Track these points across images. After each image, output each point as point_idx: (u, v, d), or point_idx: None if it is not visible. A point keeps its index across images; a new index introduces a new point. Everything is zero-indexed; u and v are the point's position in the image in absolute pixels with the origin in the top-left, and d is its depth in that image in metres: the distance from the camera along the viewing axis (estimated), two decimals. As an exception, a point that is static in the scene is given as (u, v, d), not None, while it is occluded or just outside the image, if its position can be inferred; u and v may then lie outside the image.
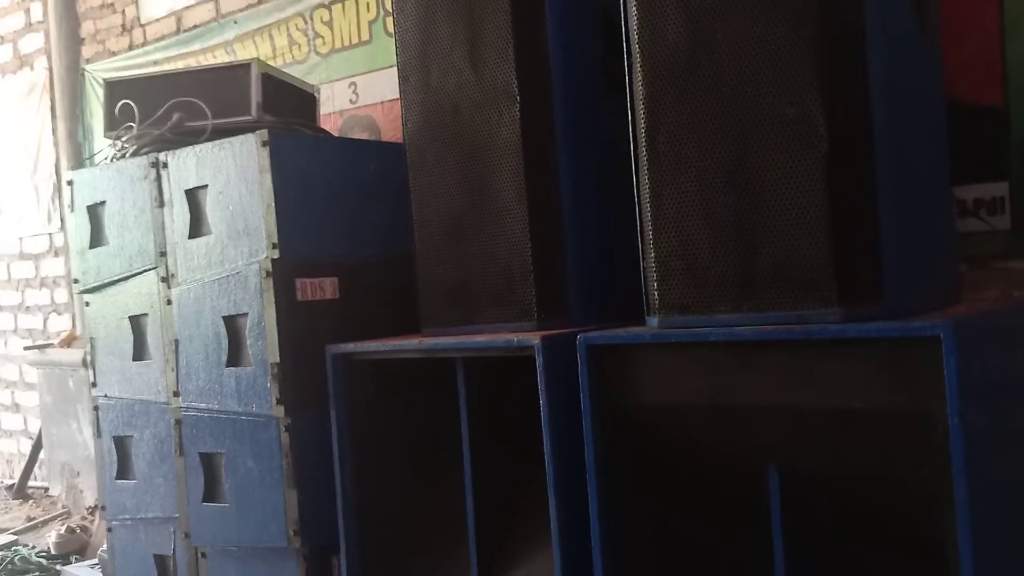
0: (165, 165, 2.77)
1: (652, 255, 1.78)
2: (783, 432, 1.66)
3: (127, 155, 2.93)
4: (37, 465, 5.61)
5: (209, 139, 2.68)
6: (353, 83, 3.74)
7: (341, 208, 2.62)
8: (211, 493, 2.72)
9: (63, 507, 5.16)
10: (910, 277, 1.68)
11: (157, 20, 4.70)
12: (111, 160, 3.03)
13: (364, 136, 3.69)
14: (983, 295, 2.21)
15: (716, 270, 1.70)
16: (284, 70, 3.44)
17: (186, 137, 2.80)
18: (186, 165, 2.70)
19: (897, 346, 1.50)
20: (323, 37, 3.82)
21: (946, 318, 1.48)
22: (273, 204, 2.45)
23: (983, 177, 2.22)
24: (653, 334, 1.77)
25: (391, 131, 3.55)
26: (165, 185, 2.78)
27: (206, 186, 2.64)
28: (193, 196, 2.70)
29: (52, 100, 5.43)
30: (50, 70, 5.40)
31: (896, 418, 1.52)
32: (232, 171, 2.55)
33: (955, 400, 1.42)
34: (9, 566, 4.24)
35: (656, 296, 1.78)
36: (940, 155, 1.96)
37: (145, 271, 2.88)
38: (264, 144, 2.46)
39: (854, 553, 1.72)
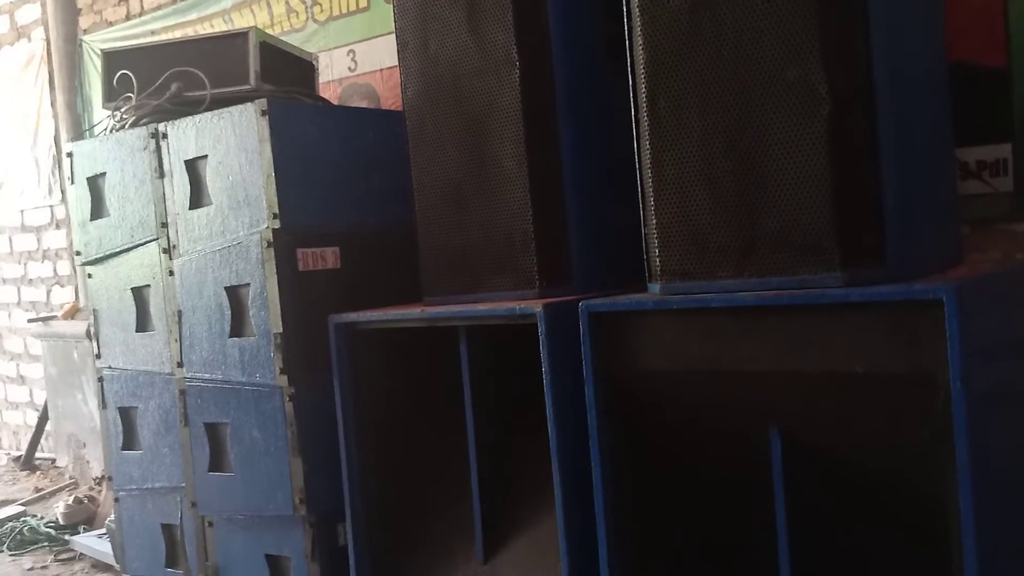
0: (164, 136, 2.76)
1: (653, 221, 1.78)
2: (785, 397, 1.66)
3: (126, 126, 2.92)
4: (44, 436, 5.64)
5: (208, 109, 2.67)
6: (352, 51, 3.71)
7: (341, 177, 2.61)
8: (217, 463, 2.74)
9: (70, 478, 5.20)
10: (912, 240, 1.67)
11: (154, -11, 4.67)
12: (110, 131, 3.02)
13: (363, 104, 3.67)
14: (985, 257, 2.21)
15: (718, 236, 1.70)
16: (282, 38, 3.42)
17: (185, 107, 2.79)
18: (185, 135, 2.69)
19: (899, 309, 1.50)
20: (321, 5, 3.78)
21: (948, 281, 1.48)
22: (273, 174, 2.44)
23: (986, 139, 2.21)
24: (655, 301, 1.77)
25: (391, 99, 3.53)
26: (165, 156, 2.77)
27: (206, 156, 2.63)
28: (193, 167, 2.69)
29: (50, 71, 5.40)
30: (47, 41, 5.37)
31: (898, 381, 1.52)
32: (231, 141, 2.54)
33: (957, 363, 1.42)
34: (18, 536, 4.28)
35: (658, 263, 1.78)
36: (943, 117, 1.94)
37: (146, 242, 2.87)
38: (263, 113, 2.45)
39: (856, 515, 1.73)
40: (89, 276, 3.15)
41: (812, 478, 1.70)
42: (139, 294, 2.95)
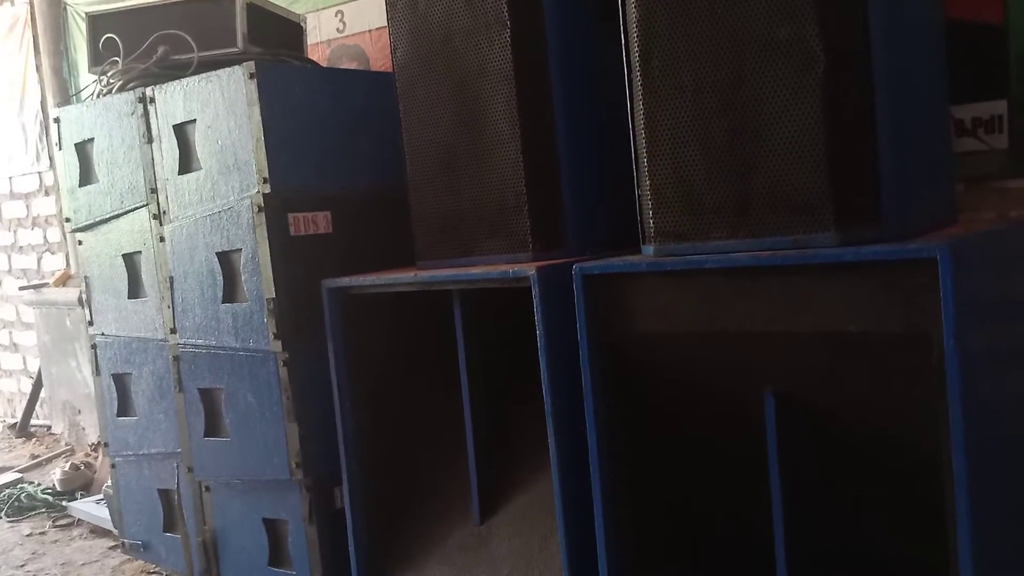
0: (152, 100, 2.73)
1: (647, 183, 1.77)
2: (779, 357, 1.66)
3: (113, 90, 2.88)
4: (38, 404, 5.65)
5: (195, 72, 2.63)
6: (340, 11, 3.66)
7: (332, 141, 2.59)
8: (212, 428, 2.75)
9: (66, 444, 5.22)
10: (907, 199, 1.66)
11: (137, -50, 4.59)
12: (97, 96, 2.98)
13: (353, 66, 3.63)
14: (980, 215, 2.20)
15: (711, 197, 1.69)
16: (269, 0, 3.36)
17: (172, 71, 2.76)
18: (173, 100, 2.66)
19: (893, 269, 1.50)
20: (308, -35, 3.73)
21: (943, 239, 1.48)
22: (262, 138, 2.42)
23: (981, 96, 2.19)
24: (649, 263, 1.76)
25: (380, 60, 3.50)
26: (153, 120, 2.74)
27: (194, 121, 2.61)
28: (181, 131, 2.66)
29: (35, 36, 5.32)
30: (31, 4, 5.28)
31: (892, 341, 1.52)
32: (220, 105, 2.51)
33: (951, 321, 1.42)
34: (16, 503, 4.30)
35: (651, 224, 1.77)
36: (938, 74, 1.93)
37: (136, 208, 2.85)
38: (251, 76, 2.42)
39: (850, 475, 1.75)
40: (79, 243, 3.13)
41: (806, 437, 1.71)
42: (130, 260, 2.94)
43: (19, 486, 4.49)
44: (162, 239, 2.78)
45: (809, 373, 1.66)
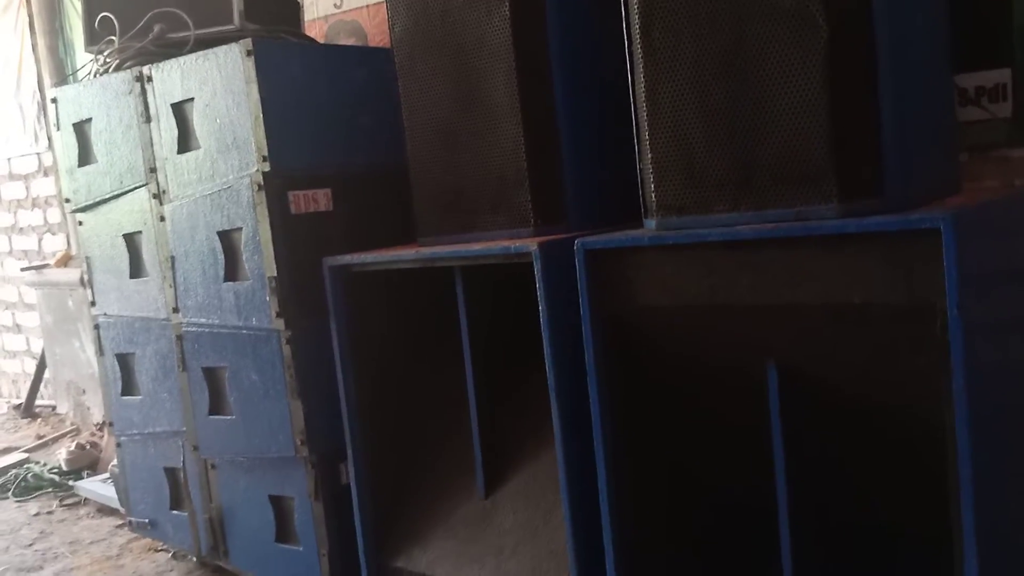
0: (149, 79, 2.71)
1: (649, 156, 1.76)
2: (782, 330, 1.66)
3: (110, 70, 2.87)
4: (43, 384, 5.67)
5: (192, 50, 2.62)
6: (337, -13, 3.63)
7: (331, 118, 2.57)
8: (216, 406, 2.76)
9: (71, 424, 5.24)
10: (910, 169, 1.66)
11: (131, -74, 4.54)
12: (94, 75, 2.96)
13: (350, 42, 3.61)
14: (983, 185, 2.20)
15: (714, 169, 1.68)
16: (265, -25, 3.33)
17: (169, 49, 2.74)
18: (171, 78, 2.65)
19: (897, 239, 1.49)
20: (304, -61, 3.69)
21: (946, 210, 1.47)
22: (261, 116, 2.40)
23: (985, 64, 2.17)
24: (651, 237, 1.76)
25: (378, 35, 3.47)
26: (151, 99, 2.73)
27: (192, 99, 2.59)
28: (179, 110, 2.65)
29: (30, 15, 5.29)
30: (25, -17, 5.25)
31: (895, 312, 1.52)
32: (218, 83, 2.50)
33: (954, 291, 1.42)
34: (23, 483, 4.33)
35: (653, 198, 1.76)
36: (941, 42, 1.91)
37: (136, 188, 2.85)
38: (248, 54, 2.40)
39: (853, 447, 1.75)
40: (80, 224, 3.13)
41: (809, 410, 1.72)
42: (131, 240, 2.93)
43: (25, 466, 4.52)
44: (162, 219, 2.78)
45: (812, 345, 1.65)
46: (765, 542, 1.83)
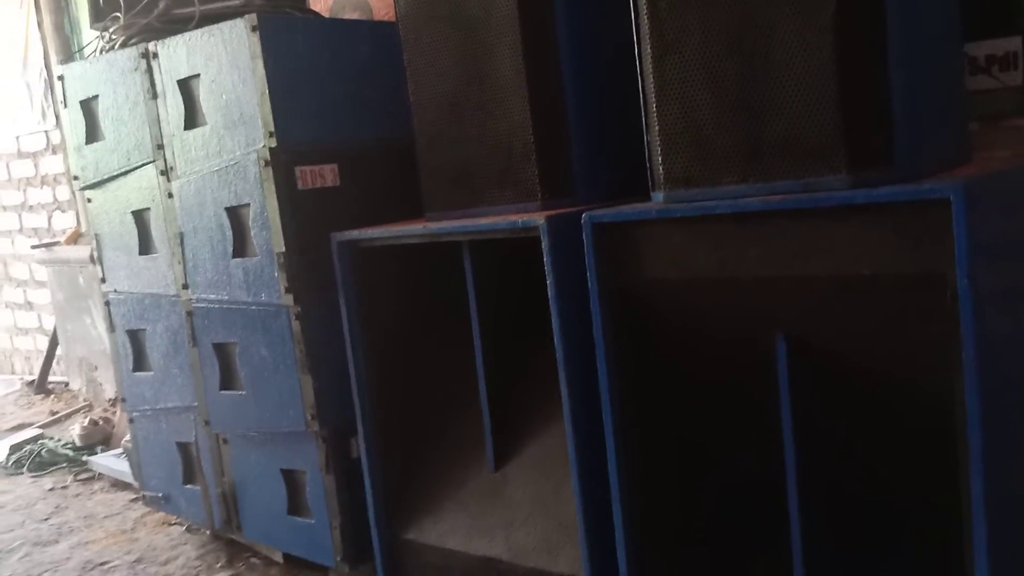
0: (155, 55, 2.71)
1: (656, 128, 1.75)
2: (791, 302, 1.66)
3: (116, 46, 2.86)
4: (55, 361, 5.71)
5: (198, 26, 2.61)
6: (342, -40, 3.61)
7: (337, 93, 2.57)
8: (227, 382, 2.77)
9: (84, 400, 5.28)
10: (920, 139, 1.64)
11: (134, -99, 4.51)
12: (100, 52, 2.96)
13: (356, 16, 3.59)
14: (994, 154, 2.18)
15: (722, 141, 1.67)
16: (270, -51, 3.31)
17: (174, 25, 2.73)
18: (177, 55, 2.64)
19: (906, 210, 1.48)
20: (308, -88, 3.66)
21: (956, 180, 1.46)
22: (267, 91, 2.40)
23: (995, 32, 2.15)
24: (659, 209, 1.75)
25: (383, 9, 3.45)
26: (157, 76, 2.73)
27: (198, 75, 2.59)
28: (186, 86, 2.65)
29: (34, -8, 5.28)
30: (29, -40, 5.23)
31: (905, 282, 1.51)
32: (223, 59, 2.49)
33: (964, 261, 1.41)
34: (37, 458, 4.37)
35: (661, 170, 1.75)
36: (951, 10, 1.89)
37: (144, 165, 2.85)
38: (254, 29, 2.39)
39: (862, 418, 1.75)
40: (88, 201, 3.13)
41: (818, 382, 1.72)
42: (140, 217, 2.94)
43: (40, 442, 4.56)
44: (170, 195, 2.78)
45: (821, 317, 1.65)
46: (774, 514, 1.84)
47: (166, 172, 2.78)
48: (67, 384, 5.64)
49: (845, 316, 1.62)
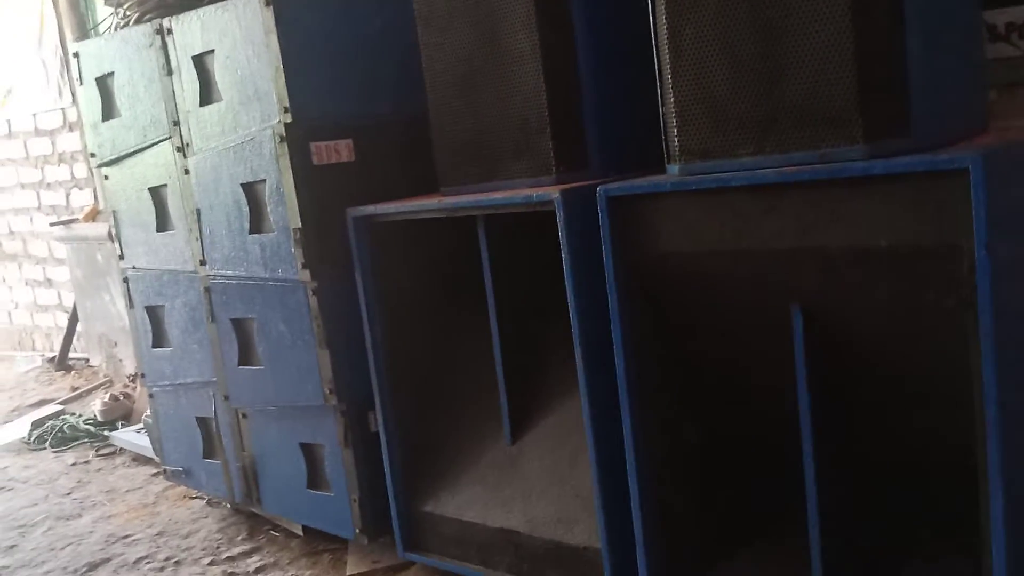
0: (170, 31, 2.71)
1: (671, 99, 1.74)
2: (807, 274, 1.66)
3: (130, 23, 2.86)
4: (75, 337, 5.76)
5: (212, 2, 2.60)
6: (354, -67, 3.58)
7: (351, 67, 2.56)
8: (246, 357, 2.79)
9: (104, 376, 5.34)
10: (938, 108, 1.63)
11: None
12: (115, 29, 2.96)
13: (370, -10, 3.56)
14: (1013, 123, 2.15)
15: (737, 112, 1.66)
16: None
17: (188, 0, 2.72)
18: (191, 30, 2.64)
19: (924, 180, 1.47)
20: None
21: (974, 149, 1.45)
22: (281, 66, 2.39)
23: (1015, -1, 2.12)
24: (674, 182, 1.75)
25: (397, -17, 3.43)
26: (172, 52, 2.73)
27: (212, 51, 2.59)
28: (200, 62, 2.65)
29: (48, -32, 5.28)
30: (43, -63, 5.23)
31: (922, 253, 1.51)
32: (237, 34, 2.49)
33: (982, 231, 1.40)
34: (59, 434, 4.42)
35: (676, 142, 1.75)
36: (971, -23, 1.87)
37: (160, 141, 2.86)
38: (267, 4, 2.38)
39: (879, 390, 1.75)
40: (106, 178, 3.15)
41: (834, 354, 1.71)
42: (156, 194, 2.95)
43: (61, 417, 4.61)
44: (187, 171, 2.79)
45: (837, 288, 1.65)
46: (790, 485, 1.84)
47: (182, 148, 2.79)
48: (87, 360, 5.69)
49: (861, 287, 1.61)
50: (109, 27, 3.01)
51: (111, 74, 2.97)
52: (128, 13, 2.87)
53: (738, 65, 1.64)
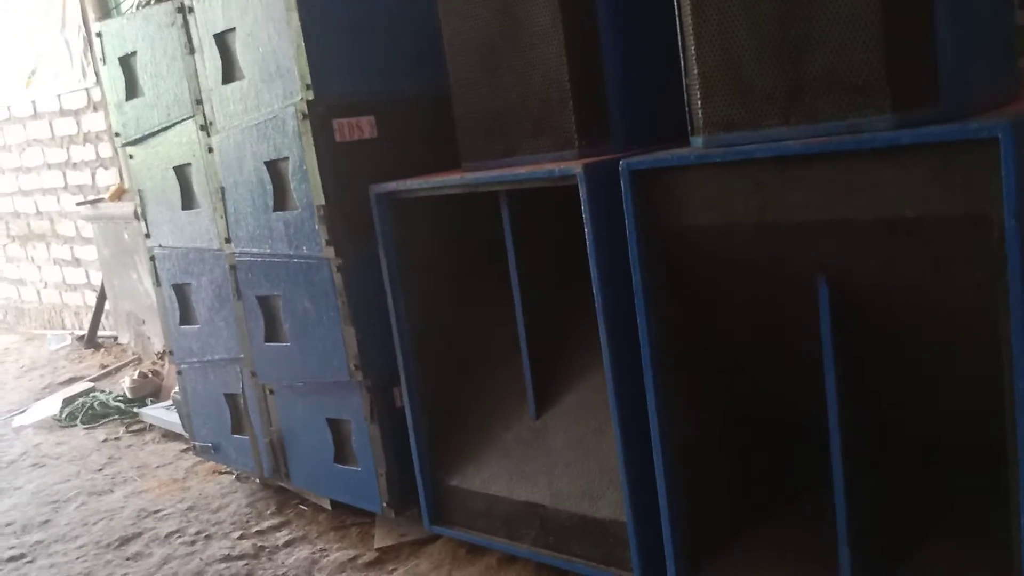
0: (191, 10, 2.71)
1: (695, 70, 1.72)
2: (834, 246, 1.64)
3: (152, 1, 2.87)
4: (104, 316, 5.82)
5: (232, -21, 2.60)
6: (374, -93, 3.56)
7: (372, 43, 2.55)
8: (272, 334, 2.81)
9: (133, 354, 5.39)
10: (967, 76, 1.60)
11: None
12: (137, 8, 2.97)
13: (390, -36, 3.55)
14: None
15: (762, 82, 1.64)
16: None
17: (208, -22, 2.72)
18: (212, 8, 2.64)
19: (952, 150, 1.45)
20: None
21: (1004, 117, 1.43)
22: (303, 43, 2.39)
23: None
24: (698, 155, 1.73)
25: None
26: (193, 31, 2.73)
27: (234, 29, 2.59)
28: (222, 40, 2.65)
29: (69, -52, 5.29)
30: (63, -84, 5.23)
31: (950, 224, 1.49)
32: (259, 11, 2.49)
33: (1012, 201, 1.39)
34: (90, 411, 4.48)
35: (700, 114, 1.73)
36: (1002, -58, 1.83)
37: (183, 120, 2.87)
38: (288, -20, 2.38)
39: (906, 362, 1.74)
40: (131, 157, 3.17)
41: (861, 326, 1.70)
42: (181, 172, 2.97)
43: (91, 395, 4.67)
44: (210, 150, 2.80)
45: (864, 260, 1.63)
46: (816, 457, 1.84)
47: (205, 127, 2.80)
48: (116, 338, 5.76)
49: (889, 259, 1.60)
50: (131, 6, 3.02)
51: (134, 53, 2.98)
52: (149, -8, 2.88)
53: (763, 34, 1.62)
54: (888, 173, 1.53)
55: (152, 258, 3.22)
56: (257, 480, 3.30)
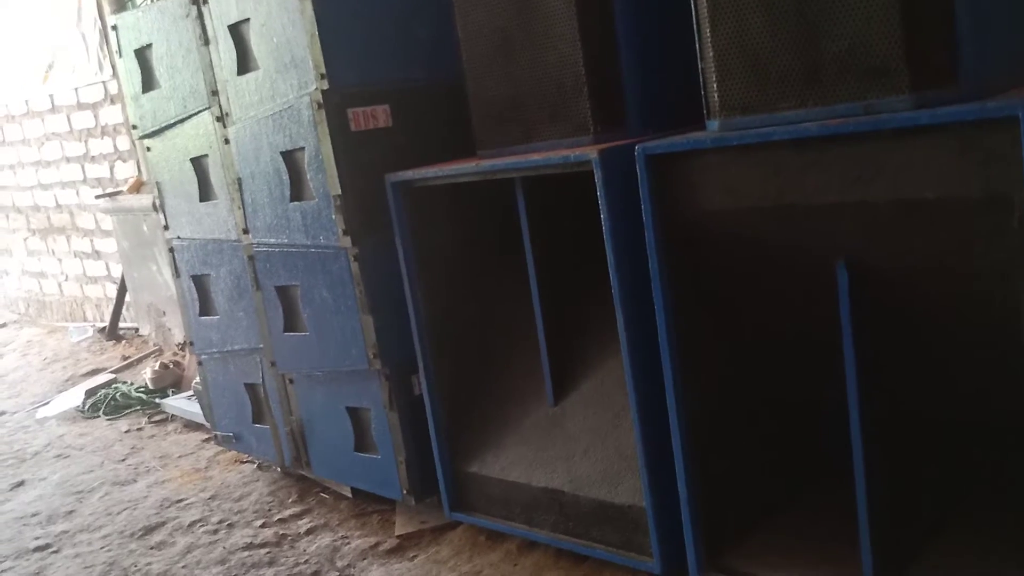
0: (205, 1, 2.71)
1: (710, 54, 1.71)
2: (852, 228, 1.63)
3: (166, -6, 2.87)
4: (125, 308, 5.86)
5: (245, -31, 2.60)
6: None
7: (386, 32, 2.55)
8: (291, 323, 2.83)
9: (154, 345, 5.43)
10: (986, 55, 1.58)
11: None
12: (152, 0, 2.97)
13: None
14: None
15: (778, 64, 1.63)
16: None
17: (222, -31, 2.73)
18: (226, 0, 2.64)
19: (971, 130, 1.44)
20: None
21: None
22: (316, 33, 2.39)
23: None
24: (714, 138, 1.72)
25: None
26: (208, 22, 2.74)
27: (248, 20, 2.59)
28: (237, 31, 2.65)
29: (84, -58, 5.30)
30: (78, -90, 5.24)
31: (970, 205, 1.48)
32: (272, 1, 2.49)
33: (1033, 182, 1.37)
34: (112, 402, 4.52)
35: (716, 98, 1.72)
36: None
37: (199, 112, 2.88)
38: (301, -30, 2.38)
39: (925, 344, 1.73)
40: (148, 149, 3.18)
41: (880, 309, 1.69)
42: (198, 164, 2.98)
43: (114, 386, 4.71)
44: (227, 141, 2.81)
45: (883, 242, 1.62)
46: (835, 440, 1.83)
47: (222, 118, 2.81)
48: (137, 330, 5.80)
49: (907, 241, 1.59)
50: (146, -1, 3.03)
51: (149, 46, 2.99)
52: (164, -16, 2.88)
53: (779, 16, 1.61)
54: (907, 154, 1.51)
55: (171, 250, 3.23)
56: (278, 469, 3.32)
